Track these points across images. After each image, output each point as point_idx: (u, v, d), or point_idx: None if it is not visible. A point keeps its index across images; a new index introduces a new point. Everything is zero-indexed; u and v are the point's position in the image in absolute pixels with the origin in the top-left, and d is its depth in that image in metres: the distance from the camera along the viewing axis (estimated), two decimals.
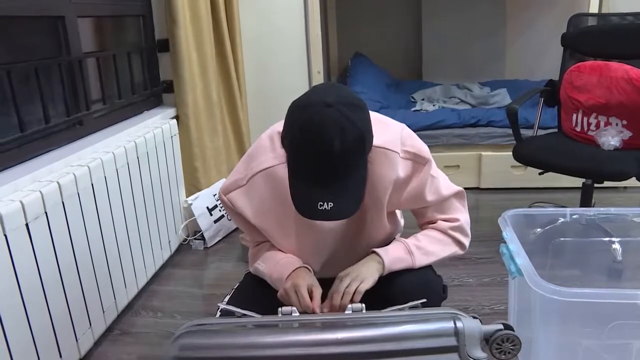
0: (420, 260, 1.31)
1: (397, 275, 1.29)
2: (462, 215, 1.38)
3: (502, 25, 4.14)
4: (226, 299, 1.44)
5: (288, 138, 1.11)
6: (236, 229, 2.83)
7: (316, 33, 3.07)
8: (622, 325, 1.36)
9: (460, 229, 1.37)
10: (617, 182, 3.00)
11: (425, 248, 1.33)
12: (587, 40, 2.45)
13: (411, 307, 1.14)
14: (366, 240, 1.37)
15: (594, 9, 2.91)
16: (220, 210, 2.75)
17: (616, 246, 1.96)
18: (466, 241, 1.40)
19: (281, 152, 1.27)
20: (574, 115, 2.38)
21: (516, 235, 1.58)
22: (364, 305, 1.16)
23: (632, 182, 2.65)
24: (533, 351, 1.47)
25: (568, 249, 1.98)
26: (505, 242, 1.60)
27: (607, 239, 1.96)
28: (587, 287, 1.28)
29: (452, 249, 1.37)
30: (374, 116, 1.23)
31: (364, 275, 1.24)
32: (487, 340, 1.03)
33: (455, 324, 1.02)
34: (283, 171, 1.24)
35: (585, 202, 2.32)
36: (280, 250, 1.37)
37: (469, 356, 1.00)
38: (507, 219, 1.69)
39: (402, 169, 1.26)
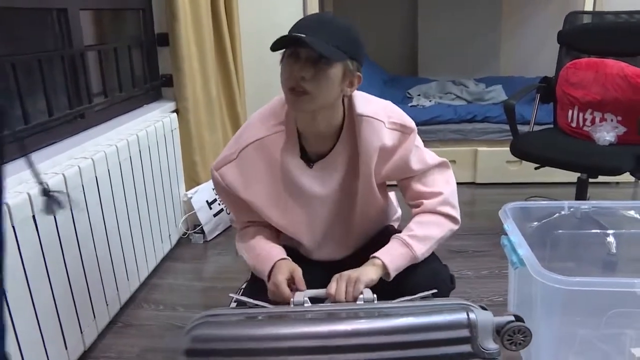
0: (420, 249, 1.30)
1: (409, 268, 1.31)
2: (445, 187, 1.37)
3: (498, 22, 4.18)
4: (241, 290, 1.46)
5: None
6: None
7: None
8: (620, 313, 1.39)
9: (446, 202, 1.35)
10: (611, 177, 3.05)
11: (420, 235, 1.32)
12: (583, 37, 2.49)
13: (422, 298, 1.16)
14: (359, 214, 1.39)
15: (589, 7, 2.95)
16: (219, 204, 2.76)
17: (610, 239, 1.99)
18: (456, 213, 1.37)
19: (271, 124, 1.30)
20: (570, 111, 2.41)
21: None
22: (375, 296, 1.18)
23: (624, 177, 2.70)
24: (534, 341, 1.50)
25: (564, 241, 2.02)
26: (506, 234, 1.64)
27: (601, 231, 2.00)
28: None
29: (447, 227, 1.36)
30: (362, 94, 1.30)
31: (358, 275, 1.21)
32: (499, 332, 1.05)
33: (468, 315, 1.03)
34: (274, 141, 1.29)
35: (580, 196, 2.36)
36: (268, 231, 1.37)
37: (482, 348, 1.01)
38: (508, 212, 1.72)
39: (388, 138, 1.29)
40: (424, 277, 1.28)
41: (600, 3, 3.29)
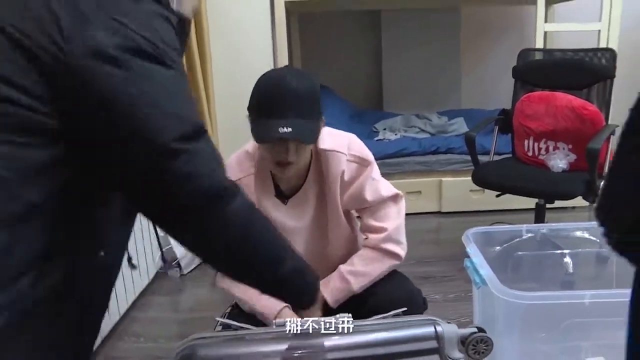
0: (358, 283, 1.44)
1: (382, 289, 1.43)
2: (392, 222, 1.47)
3: (457, 59, 4.39)
4: (226, 314, 1.54)
5: (253, 93, 1.31)
6: None
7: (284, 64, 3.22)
8: (575, 326, 1.52)
9: (389, 239, 1.46)
10: (567, 202, 3.23)
11: (360, 270, 1.45)
12: (534, 72, 2.69)
13: (394, 315, 1.27)
14: (331, 243, 1.50)
15: (539, 44, 3.15)
16: None
17: (567, 259, 2.14)
18: (399, 250, 1.47)
19: (247, 166, 1.42)
20: (526, 141, 2.59)
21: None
22: (350, 315, 1.28)
23: (579, 202, 2.87)
24: (497, 358, 1.61)
25: (525, 263, 2.15)
26: (468, 257, 1.76)
27: (559, 252, 2.14)
28: None
29: (387, 263, 1.47)
30: (327, 129, 1.42)
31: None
32: (463, 343, 1.16)
33: (435, 328, 1.14)
34: (250, 182, 1.41)
35: (539, 220, 2.51)
36: None
37: (449, 357, 1.12)
38: (470, 236, 1.85)
39: (347, 170, 1.42)
40: (399, 299, 1.39)
41: (550, 40, 3.53)
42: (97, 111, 0.71)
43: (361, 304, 1.42)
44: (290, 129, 1.23)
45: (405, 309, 1.29)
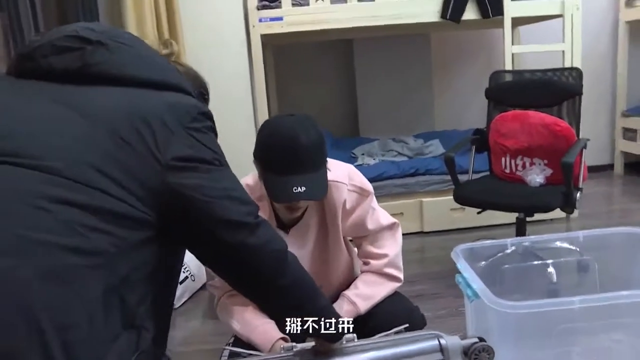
0: (364, 306, 1.50)
1: (383, 308, 1.49)
2: (392, 249, 1.57)
3: (429, 82, 4.52)
4: (230, 343, 1.57)
5: (261, 145, 1.36)
6: (201, 289, 2.93)
7: (263, 99, 3.30)
8: (565, 331, 1.59)
9: (391, 264, 1.56)
10: (545, 215, 3.33)
11: (364, 293, 1.52)
12: (507, 93, 2.81)
13: (396, 332, 1.32)
14: (332, 269, 1.56)
15: (508, 65, 3.30)
16: (184, 272, 2.85)
17: (551, 269, 2.22)
18: (399, 274, 1.58)
19: None
20: (503, 159, 2.69)
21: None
22: (355, 335, 1.33)
23: (557, 214, 2.97)
24: None
25: (510, 276, 2.22)
26: (459, 273, 1.82)
27: (542, 262, 2.22)
28: None
29: (390, 286, 1.56)
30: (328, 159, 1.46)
31: None
32: (466, 353, 1.21)
33: (439, 341, 1.19)
34: None
35: (520, 234, 2.60)
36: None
37: None
38: (459, 253, 1.91)
39: (348, 199, 1.48)
40: (402, 317, 1.44)
41: (517, 61, 3.68)
42: (189, 207, 0.90)
43: (363, 325, 1.46)
44: (304, 188, 1.29)
45: (407, 325, 1.34)
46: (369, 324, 1.49)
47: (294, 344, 1.30)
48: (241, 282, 1.02)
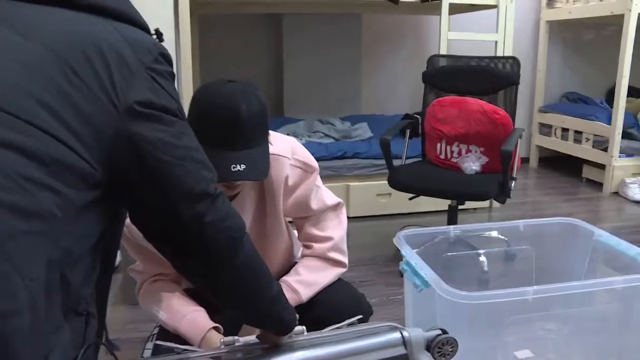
0: (306, 293, 1.37)
1: (329, 296, 1.36)
2: (336, 232, 1.45)
3: (358, 65, 4.44)
4: (154, 336, 1.38)
5: (194, 113, 1.18)
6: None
7: (188, 69, 3.07)
8: (517, 320, 1.55)
9: (335, 248, 1.44)
10: (469, 204, 3.36)
11: (307, 280, 1.39)
12: (444, 77, 2.76)
13: (349, 325, 1.20)
14: (271, 254, 1.41)
15: (443, 51, 3.26)
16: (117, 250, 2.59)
17: (483, 258, 2.20)
18: (344, 258, 1.47)
19: None
20: (438, 145, 2.64)
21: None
22: (304, 327, 1.19)
23: (480, 203, 2.98)
24: None
25: (441, 264, 2.19)
26: (403, 260, 1.74)
27: (474, 252, 2.19)
28: None
29: (334, 272, 1.44)
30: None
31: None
32: (429, 347, 1.11)
33: (401, 334, 1.09)
34: None
35: (452, 222, 2.57)
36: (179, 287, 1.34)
37: None
38: (403, 238, 1.82)
39: (291, 175, 1.34)
40: (350, 306, 1.33)
41: (449, 50, 3.66)
42: (145, 166, 0.74)
43: (305, 313, 1.33)
44: (243, 167, 1.13)
45: (360, 316, 1.23)
46: (312, 313, 1.36)
47: (235, 337, 1.15)
48: (189, 262, 0.86)
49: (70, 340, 0.69)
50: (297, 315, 1.10)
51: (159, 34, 0.87)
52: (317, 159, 3.32)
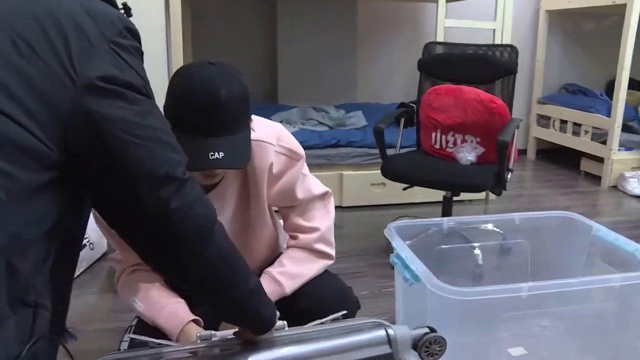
0: (290, 286, 1.32)
1: (314, 288, 1.30)
2: (323, 222, 1.39)
3: (354, 52, 4.36)
4: (132, 327, 1.32)
5: (172, 97, 1.11)
6: (100, 258, 2.62)
7: (179, 51, 2.99)
8: (511, 317, 1.49)
9: (322, 239, 1.38)
10: (464, 195, 3.30)
11: (291, 272, 1.33)
12: (440, 65, 2.68)
13: (333, 320, 1.14)
14: (255, 244, 1.36)
15: (440, 39, 3.19)
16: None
17: (477, 251, 2.14)
18: (331, 250, 1.41)
19: None
20: (433, 134, 2.57)
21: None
22: (285, 322, 1.13)
23: (476, 195, 2.92)
24: None
25: (435, 257, 2.13)
26: (394, 252, 1.68)
27: (468, 244, 2.13)
28: None
29: (320, 264, 1.38)
30: (252, 117, 1.24)
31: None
32: (415, 346, 1.06)
33: (387, 332, 1.03)
34: None
35: (447, 213, 2.51)
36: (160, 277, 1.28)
37: None
38: (394, 230, 1.76)
39: (276, 162, 1.27)
40: (336, 299, 1.28)
41: (446, 38, 3.59)
42: (104, 146, 0.68)
43: (288, 308, 1.27)
44: (222, 154, 1.07)
45: (345, 312, 1.17)
46: (296, 307, 1.30)
47: (212, 332, 1.09)
48: (154, 252, 0.80)
49: (15, 334, 0.64)
50: (278, 312, 1.03)
51: (126, 8, 0.80)
52: (310, 147, 3.33)
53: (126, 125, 0.68)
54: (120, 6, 0.79)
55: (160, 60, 3.00)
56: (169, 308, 1.22)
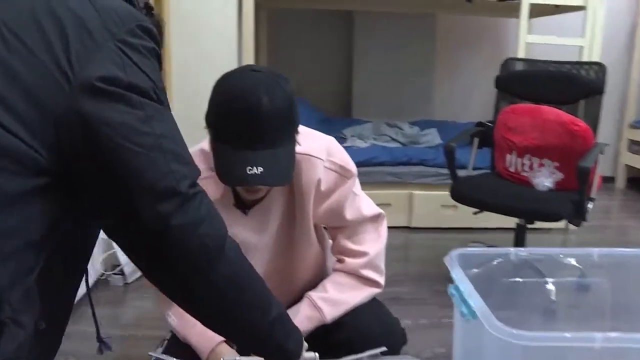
0: (331, 313, 1.23)
1: (357, 318, 1.21)
2: (373, 246, 1.29)
3: (431, 67, 4.25)
4: (165, 341, 1.29)
5: (212, 106, 1.05)
6: None
7: (250, 62, 2.99)
8: None
9: (370, 265, 1.28)
10: (543, 224, 3.07)
11: (334, 298, 1.24)
12: (519, 83, 2.53)
13: (370, 357, 1.05)
14: (298, 263, 1.29)
15: (521, 56, 3.01)
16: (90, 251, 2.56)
17: (550, 286, 1.96)
18: (379, 278, 1.30)
19: (201, 169, 1.18)
20: (508, 156, 2.41)
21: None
22: (316, 355, 1.04)
23: (555, 223, 2.70)
24: None
25: (503, 289, 1.97)
26: (452, 282, 1.55)
27: (541, 279, 1.96)
28: (525, 328, 1.24)
29: (366, 292, 1.28)
30: (302, 128, 1.16)
31: None
32: None
33: None
34: (205, 188, 1.17)
35: (520, 242, 2.34)
36: None
37: None
38: (454, 258, 1.63)
39: (325, 179, 1.19)
40: (378, 333, 1.18)
41: (529, 51, 3.40)
42: (101, 153, 0.63)
43: (326, 337, 1.18)
44: (261, 170, 1.00)
45: (384, 348, 1.07)
46: (334, 337, 1.21)
47: (238, 357, 1.03)
48: (156, 272, 0.75)
49: None
50: (306, 344, 0.95)
51: (148, 7, 0.75)
52: (380, 164, 3.23)
53: (126, 131, 0.63)
54: (142, 5, 0.74)
55: (230, 65, 3.01)
56: (200, 327, 1.17)
